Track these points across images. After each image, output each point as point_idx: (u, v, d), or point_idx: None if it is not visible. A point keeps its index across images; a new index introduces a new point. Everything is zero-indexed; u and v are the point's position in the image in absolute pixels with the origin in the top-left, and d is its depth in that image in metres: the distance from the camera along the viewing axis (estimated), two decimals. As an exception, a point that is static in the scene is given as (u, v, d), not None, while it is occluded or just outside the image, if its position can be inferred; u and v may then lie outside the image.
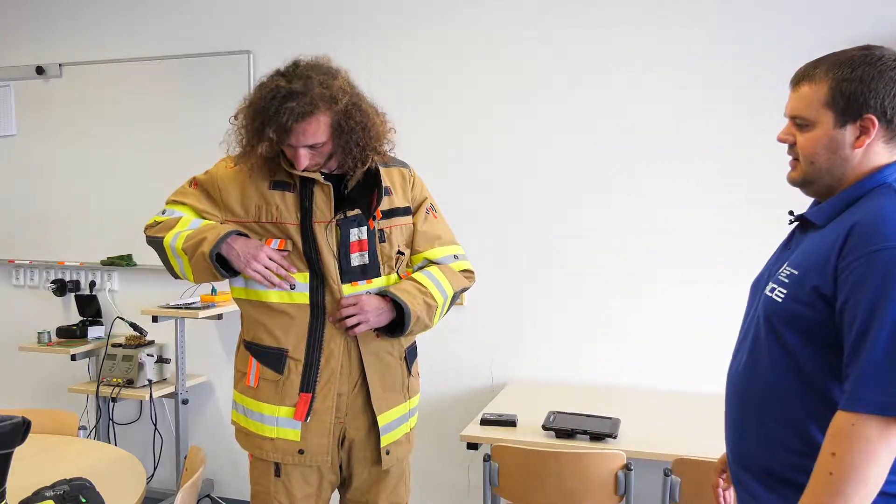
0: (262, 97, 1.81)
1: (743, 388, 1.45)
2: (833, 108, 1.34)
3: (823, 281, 1.29)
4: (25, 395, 4.08)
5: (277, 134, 1.79)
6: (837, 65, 1.35)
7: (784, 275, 1.38)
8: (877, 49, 1.35)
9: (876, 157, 1.35)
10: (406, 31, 3.43)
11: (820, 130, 1.36)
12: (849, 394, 1.23)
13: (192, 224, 1.91)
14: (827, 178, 1.39)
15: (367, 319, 1.87)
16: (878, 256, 1.22)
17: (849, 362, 1.25)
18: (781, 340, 1.36)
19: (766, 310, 1.40)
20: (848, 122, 1.34)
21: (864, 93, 1.32)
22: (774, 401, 1.38)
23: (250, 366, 1.95)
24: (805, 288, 1.31)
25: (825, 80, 1.35)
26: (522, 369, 3.35)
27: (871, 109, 1.32)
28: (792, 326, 1.34)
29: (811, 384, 1.32)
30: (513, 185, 3.32)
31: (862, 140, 1.34)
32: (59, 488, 1.74)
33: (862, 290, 1.23)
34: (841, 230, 1.30)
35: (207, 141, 3.63)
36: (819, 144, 1.37)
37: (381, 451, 1.95)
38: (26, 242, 4.05)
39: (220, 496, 3.79)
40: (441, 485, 3.43)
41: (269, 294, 1.91)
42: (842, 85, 1.33)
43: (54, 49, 3.96)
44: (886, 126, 1.33)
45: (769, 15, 2.96)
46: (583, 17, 3.20)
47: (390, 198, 1.98)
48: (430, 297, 1.95)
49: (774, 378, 1.37)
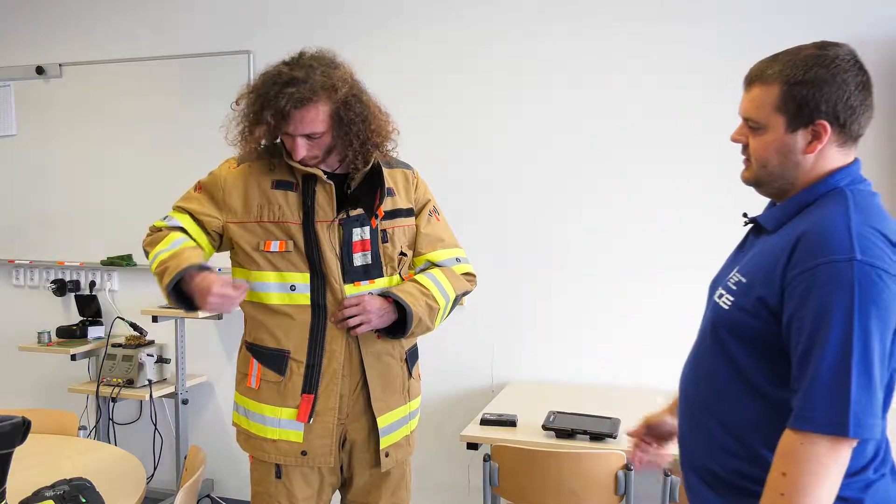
0: (264, 82, 1.82)
1: (691, 393, 1.44)
2: (784, 112, 1.29)
3: (769, 291, 1.26)
4: (25, 395, 4.08)
5: (275, 119, 1.79)
6: (790, 66, 1.29)
7: (733, 281, 1.35)
8: (832, 48, 1.29)
9: (829, 161, 1.31)
10: (406, 31, 3.43)
11: (771, 135, 1.32)
12: (797, 412, 1.21)
13: (173, 244, 1.86)
14: (779, 182, 1.35)
15: (369, 320, 1.87)
16: (824, 270, 1.19)
17: (797, 379, 1.22)
18: (727, 348, 1.34)
19: (714, 316, 1.38)
20: (799, 127, 1.29)
21: (816, 98, 1.27)
22: (720, 407, 1.36)
23: (251, 367, 1.95)
24: (751, 298, 1.29)
25: (776, 82, 1.30)
26: (522, 369, 3.35)
27: (822, 115, 1.27)
28: (737, 335, 1.32)
29: (756, 391, 1.30)
30: (513, 185, 3.32)
31: (814, 146, 1.29)
32: (59, 488, 1.74)
33: (808, 306, 1.20)
34: (789, 239, 1.26)
35: (207, 141, 3.63)
36: (770, 149, 1.32)
37: (381, 453, 1.94)
38: (26, 242, 4.05)
39: (220, 496, 3.79)
40: (441, 485, 3.43)
41: (270, 296, 1.91)
42: (793, 89, 1.28)
43: (54, 49, 3.96)
44: (839, 131, 1.29)
45: (769, 15, 2.96)
46: (583, 17, 3.20)
47: (393, 199, 1.97)
48: (432, 300, 1.94)
49: (720, 384, 1.36)
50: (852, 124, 1.29)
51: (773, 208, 1.39)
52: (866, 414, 1.17)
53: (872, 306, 1.17)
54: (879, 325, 1.18)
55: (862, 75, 1.30)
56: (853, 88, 1.27)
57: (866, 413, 1.17)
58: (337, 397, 1.89)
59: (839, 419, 1.16)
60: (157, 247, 1.87)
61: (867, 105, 1.30)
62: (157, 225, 1.96)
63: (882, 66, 2.85)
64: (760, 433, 1.30)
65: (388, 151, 1.99)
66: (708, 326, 1.41)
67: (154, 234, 1.94)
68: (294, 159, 1.86)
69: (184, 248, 1.85)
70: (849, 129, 1.30)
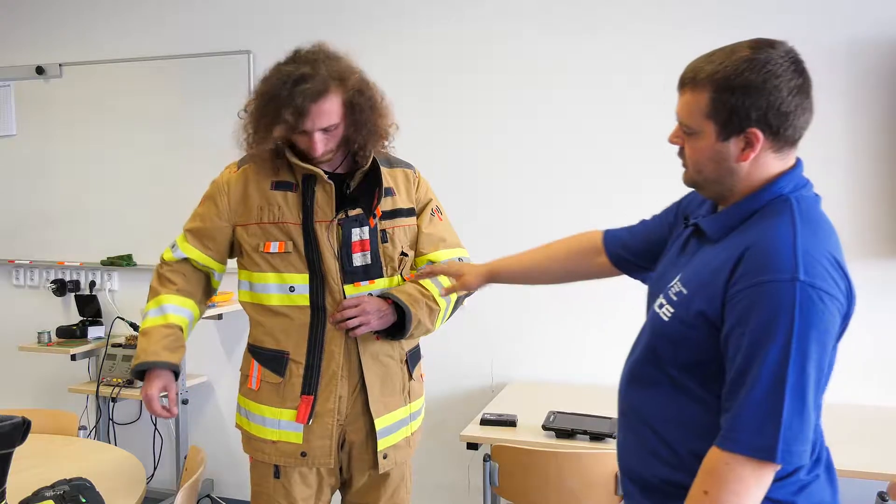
0: (273, 85, 1.80)
1: (628, 398, 1.43)
2: (714, 120, 1.24)
3: (710, 306, 1.23)
4: (25, 395, 4.08)
5: (294, 116, 1.78)
6: (720, 72, 1.23)
7: (674, 291, 1.32)
8: (764, 52, 1.23)
9: (766, 168, 1.27)
10: (406, 30, 3.43)
11: (704, 141, 1.27)
12: (725, 432, 1.19)
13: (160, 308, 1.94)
14: (716, 188, 1.32)
15: (368, 321, 1.86)
16: (767, 289, 1.16)
17: (727, 397, 1.21)
18: (665, 357, 1.32)
19: (653, 326, 1.36)
20: (731, 135, 1.24)
21: (746, 105, 1.21)
22: (655, 414, 1.35)
23: (252, 368, 1.96)
24: (691, 311, 1.26)
25: (706, 89, 1.24)
26: (522, 369, 3.35)
27: (753, 123, 1.22)
28: (676, 346, 1.30)
29: (692, 400, 1.29)
30: (513, 185, 3.32)
31: (747, 154, 1.25)
32: (59, 488, 1.74)
33: (747, 324, 1.17)
34: (733, 252, 1.23)
35: (207, 141, 3.66)
36: (704, 155, 1.28)
37: (378, 454, 1.93)
38: (26, 242, 4.05)
39: (220, 496, 3.79)
40: (441, 485, 3.43)
41: (269, 297, 1.91)
42: (722, 97, 1.22)
43: (54, 49, 3.96)
44: (773, 138, 1.24)
45: (769, 15, 2.96)
46: (583, 16, 3.20)
47: (393, 198, 1.97)
48: (432, 301, 1.94)
49: (656, 391, 1.35)
50: (786, 130, 1.24)
51: (716, 215, 1.34)
52: (796, 441, 1.15)
53: (812, 329, 1.15)
54: (818, 349, 1.16)
55: (797, 78, 1.23)
56: (785, 94, 1.21)
57: (796, 440, 1.15)
58: (336, 398, 1.89)
59: (768, 444, 1.15)
60: (149, 304, 1.98)
61: (803, 108, 1.24)
62: (166, 258, 2.01)
63: (882, 67, 2.85)
64: (695, 442, 1.28)
65: (389, 144, 1.98)
66: (647, 335, 1.39)
67: (157, 279, 2.00)
68: (312, 156, 1.86)
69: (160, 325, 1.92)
70: (783, 135, 1.24)
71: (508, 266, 1.84)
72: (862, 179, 2.90)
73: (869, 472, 2.20)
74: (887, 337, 2.88)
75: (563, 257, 1.77)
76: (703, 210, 1.43)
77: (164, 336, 1.91)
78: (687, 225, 1.43)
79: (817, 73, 1.31)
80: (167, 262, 2.01)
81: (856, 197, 2.91)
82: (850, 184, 2.91)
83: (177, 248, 2.00)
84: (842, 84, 2.89)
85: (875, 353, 2.89)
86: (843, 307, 1.21)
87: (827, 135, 2.90)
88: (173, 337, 1.92)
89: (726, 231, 1.30)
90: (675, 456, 1.31)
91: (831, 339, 1.19)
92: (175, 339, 1.93)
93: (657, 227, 1.61)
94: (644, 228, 1.65)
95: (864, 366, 2.88)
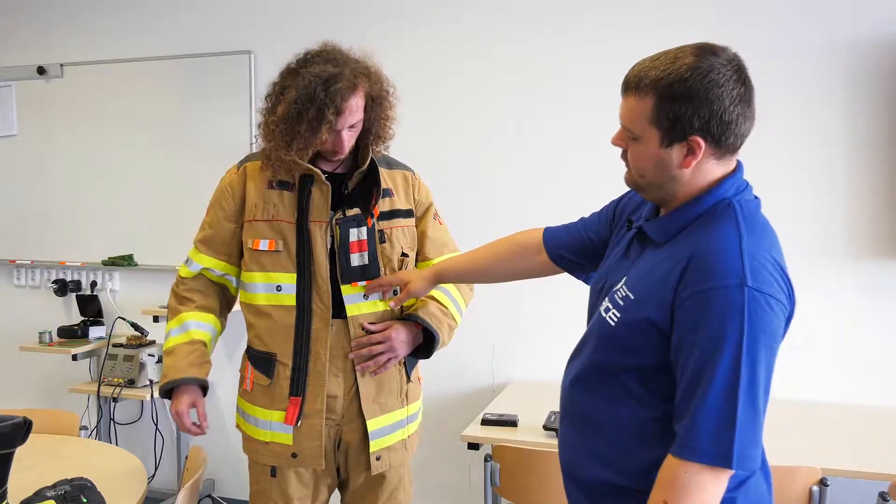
0: (307, 89, 1.78)
1: (572, 397, 1.43)
2: (658, 126, 1.25)
3: (658, 312, 1.24)
4: (26, 395, 4.08)
5: (335, 116, 1.79)
6: (664, 79, 1.23)
7: (620, 296, 1.32)
8: (708, 59, 1.22)
9: (708, 173, 1.28)
10: (406, 30, 3.43)
11: (646, 147, 1.27)
12: (681, 440, 1.19)
13: (182, 326, 1.96)
14: (659, 192, 1.32)
15: (397, 355, 1.90)
16: (715, 295, 1.17)
17: (680, 404, 1.21)
18: (610, 360, 1.33)
19: (600, 330, 1.36)
20: (674, 142, 1.25)
21: (689, 114, 1.21)
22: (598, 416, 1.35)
23: (247, 370, 1.97)
24: (638, 316, 1.27)
25: (650, 95, 1.24)
26: (523, 369, 3.35)
27: (696, 131, 1.23)
28: (622, 350, 1.30)
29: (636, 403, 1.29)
30: (513, 185, 3.32)
31: (689, 160, 1.25)
32: (60, 488, 1.75)
33: (697, 332, 1.18)
34: (679, 258, 1.24)
35: (208, 141, 3.66)
36: (646, 160, 1.29)
37: (371, 456, 1.92)
38: (27, 242, 4.05)
39: (221, 496, 3.79)
40: (442, 485, 3.43)
41: (256, 296, 1.91)
42: (666, 104, 1.23)
43: (55, 49, 3.96)
44: (714, 145, 1.24)
45: (769, 15, 2.96)
46: (583, 16, 3.20)
47: (391, 199, 1.97)
48: (451, 319, 2.00)
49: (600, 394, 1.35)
50: (728, 138, 1.24)
51: (660, 220, 1.35)
52: (751, 445, 1.16)
53: (761, 334, 1.16)
54: (767, 353, 1.17)
55: (739, 87, 1.23)
56: (727, 104, 1.21)
57: (751, 444, 1.16)
58: (324, 399, 1.88)
59: (724, 451, 1.15)
60: (170, 324, 1.99)
61: (745, 117, 1.24)
62: (182, 275, 2.01)
63: (882, 67, 2.85)
64: (640, 447, 1.28)
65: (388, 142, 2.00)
66: (592, 337, 1.39)
67: (176, 298, 2.01)
68: (338, 155, 1.87)
69: (183, 343, 1.94)
70: (724, 143, 1.25)
71: (454, 266, 1.88)
72: (862, 179, 2.90)
73: (870, 473, 2.20)
74: (888, 337, 2.88)
75: (507, 256, 1.80)
76: (644, 211, 1.43)
77: (189, 353, 1.92)
78: (630, 227, 1.44)
79: (817, 73, 1.31)
80: (184, 280, 2.01)
81: (856, 197, 2.91)
82: (850, 183, 2.91)
83: (191, 261, 2.00)
84: (842, 84, 2.89)
85: (876, 353, 2.89)
86: (787, 310, 1.23)
87: (827, 135, 2.90)
88: (198, 353, 1.94)
89: (671, 235, 1.31)
90: (620, 460, 1.32)
91: (778, 342, 1.20)
92: (200, 354, 1.94)
93: (596, 225, 1.62)
94: (583, 226, 1.66)
95: (866, 366, 2.88)
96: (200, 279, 2.00)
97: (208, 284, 2.01)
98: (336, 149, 1.86)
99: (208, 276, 2.00)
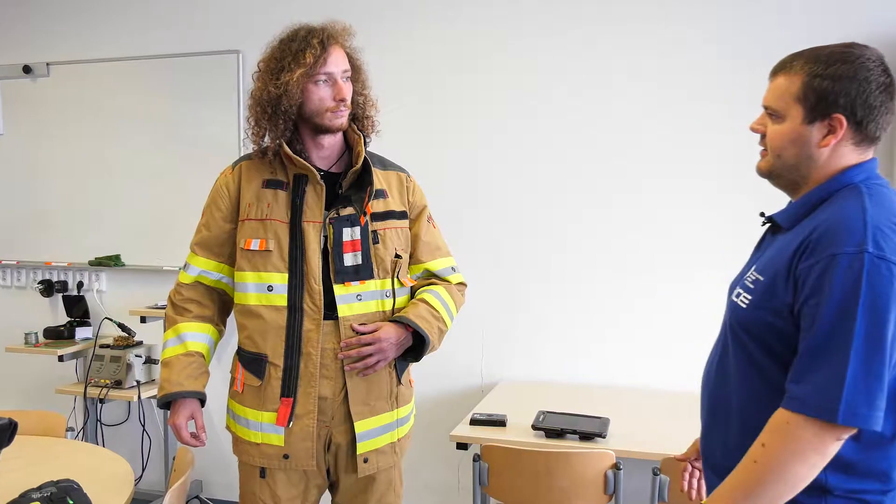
0: (284, 43, 1.92)
1: (711, 392, 1.46)
2: (803, 103, 1.31)
3: (784, 287, 1.28)
4: (12, 396, 4.05)
5: (320, 48, 1.84)
6: (815, 59, 1.31)
7: (750, 280, 1.36)
8: (859, 49, 1.31)
9: (843, 158, 1.32)
10: (403, 31, 3.42)
11: (788, 124, 1.33)
12: (791, 392, 1.23)
13: (179, 337, 1.95)
14: (793, 174, 1.37)
15: (386, 357, 1.89)
16: (836, 262, 1.21)
17: (796, 363, 1.25)
18: (745, 346, 1.35)
19: (732, 315, 1.39)
20: (816, 119, 1.30)
21: (835, 91, 1.28)
22: (739, 406, 1.37)
23: (237, 371, 1.97)
24: (767, 295, 1.31)
25: (800, 73, 1.31)
26: (512, 369, 3.35)
27: (840, 109, 1.29)
28: (755, 333, 1.33)
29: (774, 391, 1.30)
30: (513, 185, 3.32)
31: (829, 139, 1.31)
32: (46, 490, 1.73)
33: (816, 296, 1.22)
34: (803, 234, 1.28)
35: (197, 140, 3.64)
36: (786, 138, 1.34)
37: (358, 458, 1.92)
38: (13, 242, 4.02)
39: (208, 497, 3.77)
40: (431, 484, 3.43)
41: (248, 296, 1.91)
42: (814, 81, 1.29)
43: (41, 48, 3.93)
44: (855, 128, 1.30)
45: (770, 16, 2.97)
46: (584, 17, 3.20)
47: (385, 200, 1.97)
48: (442, 323, 1.98)
49: (739, 383, 1.37)
50: (869, 123, 1.30)
51: (788, 206, 1.41)
52: (859, 403, 1.18)
53: (879, 299, 1.18)
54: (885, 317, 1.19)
55: (885, 77, 1.30)
56: (874, 88, 1.28)
57: (860, 402, 1.18)
58: (315, 400, 1.87)
59: (830, 405, 1.18)
60: (167, 334, 1.98)
61: (887, 108, 1.31)
62: (181, 280, 2.00)
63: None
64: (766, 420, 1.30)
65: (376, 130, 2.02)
66: (727, 325, 1.42)
67: (172, 308, 1.99)
68: (339, 105, 1.87)
69: (180, 354, 1.94)
70: (865, 128, 1.30)
71: None
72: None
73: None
74: None
75: None
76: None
77: (186, 365, 1.92)
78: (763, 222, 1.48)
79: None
80: (181, 289, 1.99)
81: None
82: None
83: (188, 265, 1.99)
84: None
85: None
86: None
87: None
88: (195, 364, 1.93)
89: (798, 219, 1.35)
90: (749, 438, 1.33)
91: None
92: (197, 366, 1.94)
93: None
94: None
95: None
96: (197, 287, 1.99)
97: (205, 292, 2.00)
98: (337, 95, 1.86)
99: (205, 282, 1.99)
